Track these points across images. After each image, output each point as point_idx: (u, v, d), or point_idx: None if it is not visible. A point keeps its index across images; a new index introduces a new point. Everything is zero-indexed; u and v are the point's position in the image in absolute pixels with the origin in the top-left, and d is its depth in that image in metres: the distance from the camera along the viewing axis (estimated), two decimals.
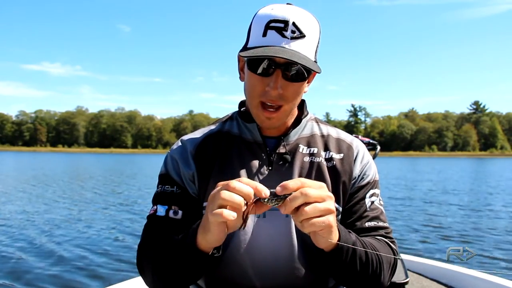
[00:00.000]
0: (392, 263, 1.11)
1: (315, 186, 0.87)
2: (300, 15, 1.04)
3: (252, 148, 1.18)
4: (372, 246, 1.06)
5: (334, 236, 0.93)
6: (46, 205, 12.15)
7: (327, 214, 0.87)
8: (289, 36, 1.02)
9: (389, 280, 1.12)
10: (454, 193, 16.81)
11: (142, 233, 1.17)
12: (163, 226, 1.12)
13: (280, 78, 1.04)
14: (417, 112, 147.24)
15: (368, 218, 1.17)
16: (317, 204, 0.85)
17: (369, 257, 1.03)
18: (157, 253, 1.06)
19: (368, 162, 1.23)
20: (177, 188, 1.16)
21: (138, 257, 1.14)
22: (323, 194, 0.87)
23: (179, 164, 1.18)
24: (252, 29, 1.08)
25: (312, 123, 1.27)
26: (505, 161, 72.73)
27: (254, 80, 1.07)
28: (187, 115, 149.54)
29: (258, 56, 1.00)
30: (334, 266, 1.01)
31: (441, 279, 3.10)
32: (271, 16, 1.04)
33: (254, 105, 1.10)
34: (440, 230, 8.96)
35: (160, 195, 1.18)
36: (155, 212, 1.15)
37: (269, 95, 1.05)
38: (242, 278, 1.13)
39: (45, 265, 5.97)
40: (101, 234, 8.14)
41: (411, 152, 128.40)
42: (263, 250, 1.12)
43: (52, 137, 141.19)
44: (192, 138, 1.24)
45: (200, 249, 0.95)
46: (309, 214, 0.84)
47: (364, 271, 1.03)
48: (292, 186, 0.84)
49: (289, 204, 0.84)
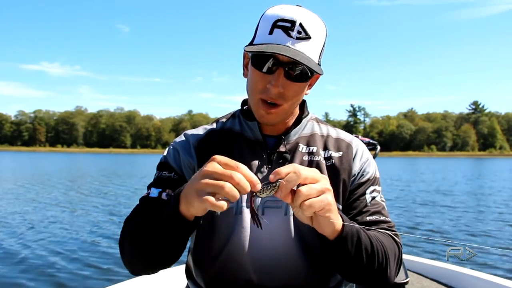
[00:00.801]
0: (397, 256, 1.09)
1: (308, 168, 0.88)
2: (308, 17, 1.06)
3: (253, 146, 1.19)
4: (376, 237, 1.05)
5: (336, 217, 0.92)
6: (27, 206, 12.02)
7: (324, 193, 0.87)
8: (294, 36, 1.03)
9: (396, 275, 1.09)
10: (454, 193, 16.83)
11: (131, 212, 1.14)
12: (154, 207, 1.10)
13: (282, 76, 1.05)
14: (416, 112, 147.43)
15: (369, 212, 1.16)
16: (312, 184, 0.85)
17: (374, 248, 1.01)
18: (138, 227, 1.03)
19: (367, 159, 1.23)
20: (174, 174, 1.17)
21: (121, 234, 1.09)
22: (316, 175, 0.87)
23: (180, 154, 1.20)
24: (260, 26, 1.09)
25: (313, 123, 1.28)
26: (504, 161, 72.79)
27: (257, 76, 1.08)
28: (186, 115, 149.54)
29: (261, 52, 1.02)
30: (339, 258, 0.99)
31: (441, 279, 3.10)
32: (279, 15, 1.05)
33: (255, 101, 1.12)
34: (440, 230, 8.95)
35: (156, 180, 1.18)
36: (148, 194, 1.14)
37: (270, 92, 1.06)
38: (242, 276, 1.13)
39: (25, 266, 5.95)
40: (81, 236, 8.11)
41: (410, 152, 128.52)
42: (263, 248, 1.11)
43: (51, 137, 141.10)
44: (195, 134, 1.25)
45: (182, 214, 0.92)
46: (306, 194, 0.84)
47: (370, 264, 1.00)
48: (285, 171, 0.84)
49: (284, 187, 0.83)
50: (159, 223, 0.96)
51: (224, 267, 1.14)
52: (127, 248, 1.06)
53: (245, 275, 1.13)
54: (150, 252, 1.00)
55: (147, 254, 1.01)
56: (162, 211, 0.97)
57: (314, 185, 0.86)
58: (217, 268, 1.15)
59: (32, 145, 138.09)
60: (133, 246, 1.03)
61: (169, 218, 0.94)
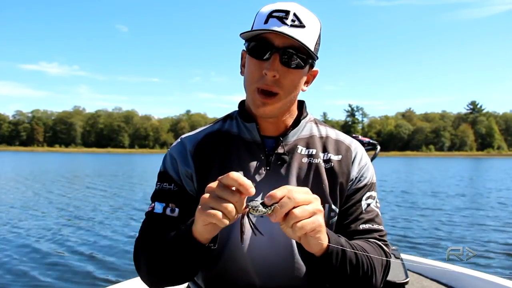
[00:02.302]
0: (384, 265, 1.12)
1: (301, 191, 0.89)
2: (301, 9, 1.09)
3: (250, 148, 1.19)
4: (363, 249, 1.07)
5: (324, 237, 0.95)
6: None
7: (316, 214, 0.89)
8: (289, 24, 1.04)
9: (382, 282, 1.13)
10: (454, 193, 16.87)
11: (140, 229, 1.18)
12: (160, 223, 1.13)
13: (278, 62, 1.06)
14: (414, 112, 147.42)
15: (363, 220, 1.17)
16: (305, 206, 0.87)
17: (359, 259, 1.03)
18: (153, 249, 1.07)
19: (366, 164, 1.24)
20: (174, 185, 1.18)
21: (134, 252, 1.15)
22: (309, 197, 0.89)
23: (177, 162, 1.20)
24: (255, 21, 1.13)
25: (311, 124, 1.27)
26: (502, 161, 72.94)
27: (253, 66, 1.09)
28: (185, 115, 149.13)
29: (257, 31, 1.05)
30: (325, 271, 1.01)
31: (441, 279, 3.09)
32: (274, 8, 1.08)
33: (251, 92, 1.12)
34: (439, 230, 8.98)
35: (158, 193, 1.19)
36: (153, 209, 1.17)
37: (266, 79, 1.07)
38: (242, 276, 1.13)
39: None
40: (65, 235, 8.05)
41: (408, 152, 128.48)
42: (263, 248, 1.12)
43: (49, 137, 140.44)
44: (191, 137, 1.25)
45: (195, 238, 0.96)
46: (299, 216, 0.86)
47: (355, 274, 1.03)
48: (280, 194, 0.86)
49: (279, 211, 0.86)
50: (174, 251, 1.01)
51: (224, 268, 1.14)
52: (144, 271, 1.10)
53: (245, 276, 1.13)
54: (168, 276, 1.05)
55: (166, 278, 1.06)
56: (177, 238, 1.01)
57: (306, 206, 0.87)
58: (217, 269, 1.15)
59: (30, 145, 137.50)
60: (150, 272, 1.08)
61: (185, 246, 0.98)
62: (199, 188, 1.17)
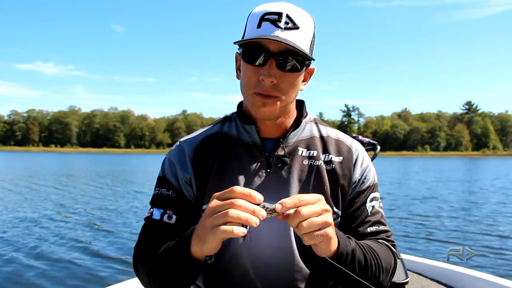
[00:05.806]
0: (392, 265, 1.13)
1: (312, 201, 0.88)
2: (294, 9, 1.06)
3: (250, 150, 1.17)
4: (372, 249, 1.08)
5: (333, 245, 0.95)
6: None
7: (325, 227, 0.88)
8: (282, 26, 1.02)
9: (389, 282, 1.13)
10: (454, 193, 16.90)
11: (139, 235, 1.18)
12: (158, 230, 1.14)
13: (274, 67, 1.03)
14: (410, 112, 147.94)
15: (370, 223, 1.17)
16: (314, 219, 0.86)
17: (368, 260, 1.04)
18: (152, 257, 1.08)
19: (367, 165, 1.22)
20: (173, 192, 1.17)
21: (134, 258, 1.16)
22: (318, 209, 0.87)
23: (176, 167, 1.18)
24: (248, 24, 1.09)
25: (312, 124, 1.25)
26: (497, 161, 73.32)
27: (249, 71, 1.07)
28: (181, 115, 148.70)
29: (251, 39, 1.02)
30: (333, 271, 1.02)
31: (441, 279, 3.09)
32: (266, 10, 1.05)
33: (249, 96, 1.10)
34: (439, 230, 8.98)
35: (156, 198, 1.19)
36: (151, 215, 1.17)
37: (263, 85, 1.05)
38: (242, 280, 1.13)
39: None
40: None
41: (404, 152, 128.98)
42: (264, 251, 1.11)
43: (45, 136, 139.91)
44: (190, 140, 1.23)
45: (194, 257, 0.96)
46: (307, 229, 0.86)
47: (363, 274, 1.04)
48: (290, 204, 0.85)
49: (288, 224, 0.87)
50: (172, 264, 1.01)
51: (225, 271, 1.14)
52: (143, 278, 1.11)
53: (246, 279, 1.13)
54: (167, 284, 1.06)
55: (165, 285, 1.07)
56: (174, 254, 1.01)
57: (316, 219, 0.87)
58: (218, 272, 1.15)
59: (25, 144, 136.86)
60: (149, 279, 1.09)
61: (182, 263, 0.98)
62: (197, 192, 1.16)
